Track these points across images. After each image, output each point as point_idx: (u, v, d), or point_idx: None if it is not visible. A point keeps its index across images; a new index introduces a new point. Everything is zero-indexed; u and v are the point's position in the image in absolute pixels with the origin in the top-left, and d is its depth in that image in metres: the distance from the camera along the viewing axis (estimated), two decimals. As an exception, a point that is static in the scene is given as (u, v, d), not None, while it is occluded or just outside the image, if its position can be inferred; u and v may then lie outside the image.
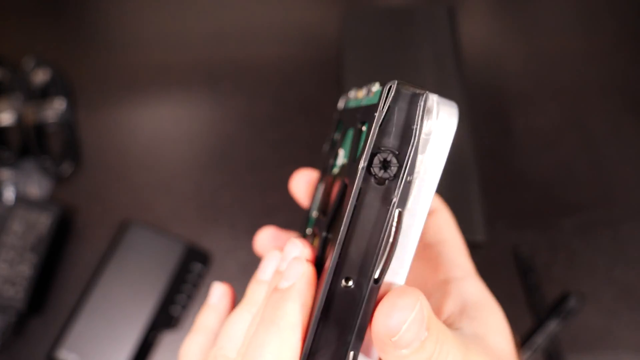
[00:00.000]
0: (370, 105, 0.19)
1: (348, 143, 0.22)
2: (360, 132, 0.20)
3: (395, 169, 0.17)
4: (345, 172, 0.20)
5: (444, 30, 0.51)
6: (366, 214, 0.17)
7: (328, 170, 0.25)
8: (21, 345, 0.53)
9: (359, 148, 0.19)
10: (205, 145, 0.62)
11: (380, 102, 0.17)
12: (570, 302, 0.52)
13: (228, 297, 0.29)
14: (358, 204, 0.17)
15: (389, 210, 0.17)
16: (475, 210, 0.43)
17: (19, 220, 0.54)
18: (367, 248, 0.18)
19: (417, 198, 0.18)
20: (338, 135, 0.25)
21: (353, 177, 0.18)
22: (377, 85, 0.20)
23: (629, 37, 0.66)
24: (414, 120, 0.17)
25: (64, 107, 0.62)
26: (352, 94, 0.25)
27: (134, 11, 0.70)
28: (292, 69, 0.65)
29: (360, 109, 0.21)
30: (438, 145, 0.18)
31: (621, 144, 0.60)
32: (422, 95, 0.18)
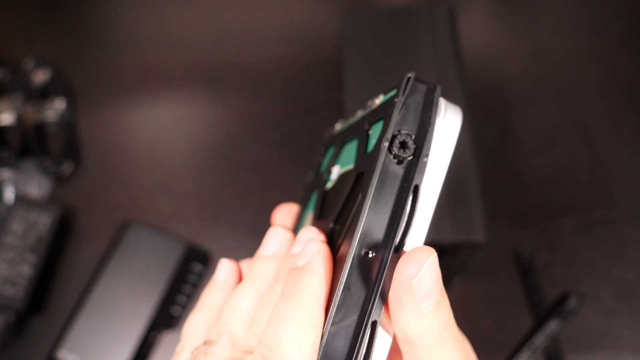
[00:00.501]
0: (380, 105, 0.21)
1: (348, 154, 0.24)
2: (367, 133, 0.22)
3: (412, 149, 0.19)
4: (355, 167, 0.22)
5: (444, 30, 0.51)
6: (387, 188, 0.19)
7: (320, 187, 0.26)
8: (21, 345, 0.53)
9: (368, 144, 0.21)
10: (205, 145, 0.62)
11: (400, 90, 0.20)
12: (570, 302, 0.52)
13: (235, 273, 0.29)
14: (380, 179, 0.19)
15: (409, 185, 0.19)
16: (475, 210, 0.43)
17: (19, 220, 0.54)
18: (388, 219, 0.19)
19: (431, 177, 0.20)
20: (327, 158, 0.28)
21: (372, 161, 0.20)
22: (381, 95, 0.22)
23: (629, 37, 0.66)
24: (429, 109, 0.20)
25: (64, 107, 0.62)
26: (338, 125, 0.28)
27: (134, 11, 0.70)
28: (292, 69, 0.65)
29: (363, 118, 0.23)
30: (446, 136, 0.20)
31: (621, 144, 0.60)
32: (436, 88, 0.20)
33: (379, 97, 0.22)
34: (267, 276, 0.26)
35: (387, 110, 0.20)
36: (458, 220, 0.42)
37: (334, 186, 0.25)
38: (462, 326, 0.54)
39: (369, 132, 0.22)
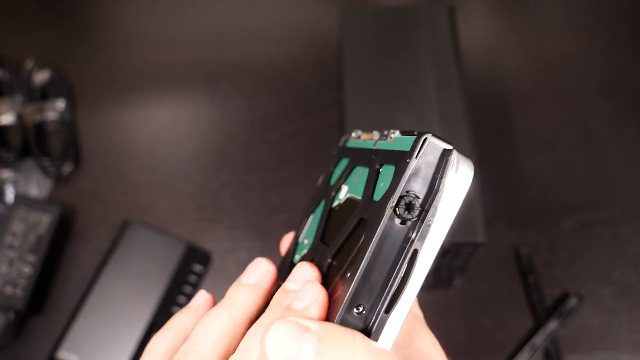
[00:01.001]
0: (394, 151, 0.21)
1: (357, 180, 0.25)
2: (377, 173, 0.22)
3: (418, 211, 0.20)
4: (360, 208, 0.22)
5: (444, 30, 0.51)
6: (387, 248, 0.20)
7: (328, 200, 0.27)
8: (21, 344, 0.53)
9: (376, 187, 0.22)
10: (205, 145, 0.62)
11: (414, 151, 0.20)
12: (570, 302, 0.52)
13: (209, 304, 0.29)
14: (381, 239, 0.19)
15: (409, 248, 0.20)
16: (475, 210, 0.43)
17: (19, 220, 0.54)
18: (384, 279, 0.20)
19: (432, 240, 0.20)
20: (339, 170, 0.28)
21: (376, 214, 0.20)
22: (398, 133, 0.22)
23: (629, 37, 0.66)
24: (440, 172, 0.20)
25: (64, 107, 0.62)
26: (355, 134, 0.28)
27: (134, 12, 0.70)
28: (292, 69, 0.65)
29: (378, 152, 0.23)
30: (454, 197, 0.20)
31: (621, 144, 0.60)
32: (450, 152, 0.20)
33: (395, 132, 0.23)
34: (244, 304, 0.26)
35: (399, 163, 0.20)
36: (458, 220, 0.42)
37: (340, 208, 0.25)
38: (463, 326, 0.55)
39: (378, 171, 0.22)
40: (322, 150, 0.61)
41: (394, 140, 0.22)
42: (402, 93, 0.48)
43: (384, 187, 0.21)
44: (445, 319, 0.53)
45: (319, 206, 0.29)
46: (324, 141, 0.61)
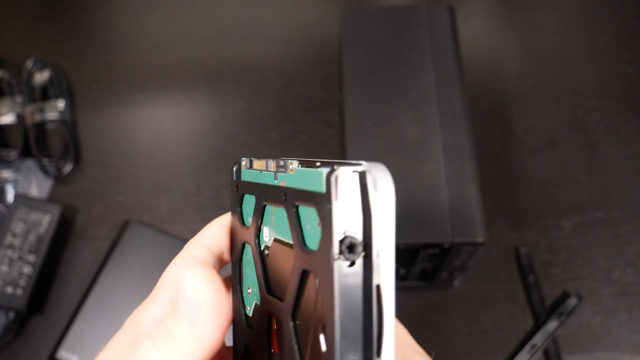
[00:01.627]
0: (306, 191, 0.20)
1: (277, 220, 0.23)
2: (297, 214, 0.21)
3: (361, 248, 0.18)
4: (298, 258, 0.20)
5: (444, 30, 0.51)
6: (350, 298, 0.18)
7: (255, 247, 0.25)
8: (22, 345, 0.53)
9: (304, 232, 0.20)
10: (205, 145, 0.62)
11: (331, 195, 0.18)
12: (569, 302, 0.52)
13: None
14: (342, 294, 0.18)
15: (370, 287, 0.18)
16: (475, 210, 0.43)
17: (19, 220, 0.54)
18: (362, 328, 0.18)
19: (386, 267, 0.19)
20: (248, 208, 0.26)
21: (322, 269, 0.19)
22: (296, 164, 0.21)
23: (629, 37, 0.66)
24: (364, 199, 0.18)
25: (64, 107, 0.62)
26: (245, 162, 0.26)
27: (134, 12, 0.70)
28: (292, 69, 0.65)
29: (285, 190, 0.21)
30: (386, 215, 0.19)
31: (621, 144, 0.60)
32: (364, 174, 0.18)
33: (292, 163, 0.21)
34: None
35: (319, 207, 0.19)
36: (458, 220, 0.42)
37: (272, 253, 0.24)
38: (463, 326, 0.55)
39: (297, 212, 0.21)
40: (322, 150, 0.61)
41: (297, 174, 0.21)
42: (402, 93, 0.48)
43: (314, 233, 0.20)
44: (445, 319, 0.53)
45: (246, 251, 0.26)
46: (324, 141, 0.61)
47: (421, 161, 0.45)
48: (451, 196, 0.43)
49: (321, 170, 0.19)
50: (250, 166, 0.25)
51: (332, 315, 0.18)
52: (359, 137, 0.46)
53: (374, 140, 0.46)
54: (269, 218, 0.24)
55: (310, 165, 0.20)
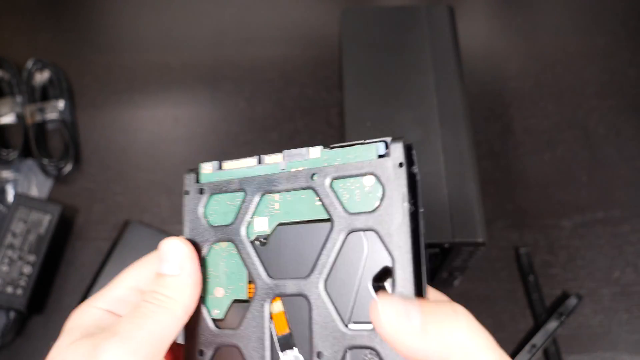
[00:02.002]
0: (352, 163, 0.23)
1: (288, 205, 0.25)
2: (332, 189, 0.24)
3: (412, 203, 0.23)
4: (340, 224, 0.23)
5: (444, 30, 0.51)
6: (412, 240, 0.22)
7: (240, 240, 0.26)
8: (22, 344, 0.53)
9: (345, 201, 0.23)
10: (205, 145, 0.62)
11: (400, 159, 0.23)
12: (569, 302, 0.52)
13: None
14: (411, 233, 0.22)
15: (419, 234, 0.23)
16: (475, 210, 0.43)
17: (19, 220, 0.54)
18: (414, 269, 0.22)
19: (423, 221, 0.23)
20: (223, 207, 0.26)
21: (386, 217, 0.22)
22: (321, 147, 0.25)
23: (628, 38, 0.66)
24: (411, 165, 0.23)
25: (64, 107, 0.62)
26: (210, 167, 0.27)
27: (134, 12, 0.70)
28: (292, 69, 0.65)
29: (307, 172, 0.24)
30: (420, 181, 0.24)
31: (621, 144, 0.60)
32: (411, 145, 0.23)
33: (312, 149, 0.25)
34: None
35: (381, 171, 0.23)
36: (458, 220, 0.42)
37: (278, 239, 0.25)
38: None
39: (333, 188, 0.24)
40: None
41: (328, 155, 0.24)
42: (402, 93, 0.48)
43: (358, 199, 0.23)
44: (445, 319, 0.53)
45: (212, 254, 0.26)
46: (324, 141, 0.61)
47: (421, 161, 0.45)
48: (451, 196, 0.43)
49: (374, 144, 0.23)
50: (220, 167, 0.26)
51: (407, 252, 0.22)
52: (359, 137, 0.46)
53: (374, 140, 0.46)
54: (265, 207, 0.25)
55: (344, 145, 0.24)
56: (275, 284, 0.24)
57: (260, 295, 0.25)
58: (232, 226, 0.26)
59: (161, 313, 0.24)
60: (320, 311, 0.23)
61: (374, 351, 0.22)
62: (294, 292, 0.24)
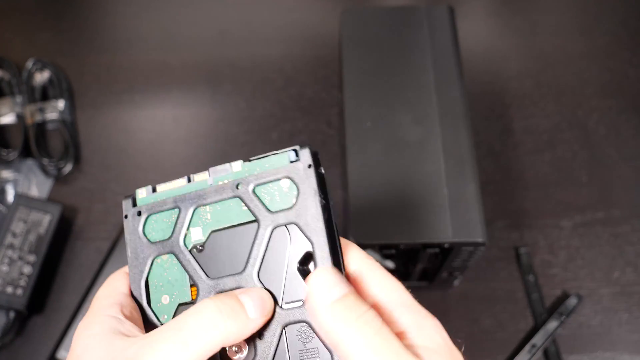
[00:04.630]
0: (268, 171, 0.27)
1: (218, 214, 0.28)
2: (255, 194, 0.27)
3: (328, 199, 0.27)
4: (264, 222, 0.27)
5: (444, 30, 0.51)
6: (327, 227, 0.26)
7: (179, 250, 0.28)
8: (22, 344, 0.53)
9: (267, 202, 0.27)
10: (205, 145, 0.62)
11: (306, 161, 0.26)
12: (569, 302, 0.52)
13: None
14: (325, 222, 0.26)
15: (333, 223, 0.26)
16: (475, 210, 0.43)
17: (19, 220, 0.54)
18: (331, 247, 0.26)
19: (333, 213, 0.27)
20: (161, 224, 0.29)
21: (303, 210, 0.26)
22: (241, 162, 0.28)
23: (629, 37, 0.66)
24: (318, 166, 0.27)
25: (64, 107, 0.62)
26: (144, 191, 0.30)
27: (134, 12, 0.70)
28: (292, 69, 0.65)
29: (233, 183, 0.28)
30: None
31: (621, 144, 0.60)
32: (316, 151, 0.27)
33: (232, 164, 0.28)
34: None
35: (294, 174, 0.26)
36: (458, 220, 0.42)
37: (214, 244, 0.28)
38: (463, 326, 0.55)
39: (254, 193, 0.27)
40: (322, 150, 0.60)
41: (248, 167, 0.28)
42: (402, 93, 0.48)
43: (278, 199, 0.27)
44: (445, 319, 0.53)
45: (156, 266, 0.29)
46: (324, 141, 0.61)
47: (421, 161, 0.45)
48: (451, 196, 0.43)
49: (286, 153, 0.27)
50: (154, 190, 0.30)
51: (323, 236, 0.26)
52: (359, 137, 0.46)
53: (374, 140, 0.46)
54: (201, 219, 0.28)
55: (260, 157, 0.27)
56: (215, 283, 0.27)
57: (203, 295, 0.27)
58: (171, 239, 0.29)
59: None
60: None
61: (306, 324, 0.26)
62: (233, 287, 0.27)
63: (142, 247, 0.29)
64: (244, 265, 0.27)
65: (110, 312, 0.27)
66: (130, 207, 0.30)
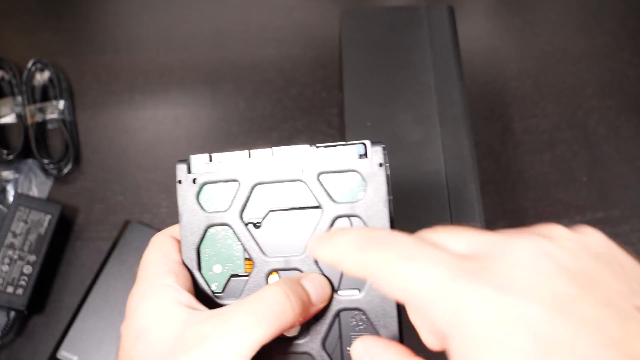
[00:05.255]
0: (340, 160, 0.27)
1: (273, 195, 0.28)
2: (319, 182, 0.28)
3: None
4: (328, 210, 0.27)
5: (444, 30, 0.51)
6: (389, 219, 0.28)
7: (236, 223, 0.28)
8: (22, 345, 0.53)
9: (331, 192, 0.27)
10: (205, 145, 0.62)
11: (384, 160, 0.27)
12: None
13: None
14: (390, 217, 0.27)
15: (392, 216, 0.27)
16: (475, 210, 0.43)
17: (19, 220, 0.54)
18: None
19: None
20: (215, 195, 0.29)
21: (370, 205, 0.27)
22: (308, 146, 0.28)
23: (628, 37, 0.66)
24: (386, 163, 0.28)
25: (64, 107, 0.62)
26: (200, 159, 0.29)
27: (134, 12, 0.70)
28: (292, 69, 0.65)
29: (299, 167, 0.28)
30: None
31: (620, 144, 0.60)
32: (385, 147, 0.28)
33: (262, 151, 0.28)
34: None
35: (364, 169, 0.27)
36: (458, 220, 0.42)
37: (270, 223, 0.28)
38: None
39: (320, 181, 0.28)
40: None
41: (323, 152, 0.28)
42: (402, 93, 0.48)
43: (344, 190, 0.27)
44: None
45: (209, 235, 0.29)
46: (324, 141, 0.61)
47: (421, 161, 0.45)
48: (451, 196, 0.43)
49: (355, 146, 0.27)
50: (211, 160, 0.29)
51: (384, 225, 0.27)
52: (359, 137, 0.46)
53: (374, 140, 0.46)
54: (259, 196, 0.28)
55: (328, 146, 0.28)
56: (271, 260, 0.28)
57: (258, 270, 0.28)
58: (228, 212, 0.28)
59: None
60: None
61: (360, 311, 0.26)
62: (289, 267, 0.27)
63: (196, 214, 0.29)
64: (304, 249, 0.27)
65: (167, 282, 0.27)
66: (184, 173, 0.30)
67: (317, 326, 0.27)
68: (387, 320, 0.26)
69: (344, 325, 0.27)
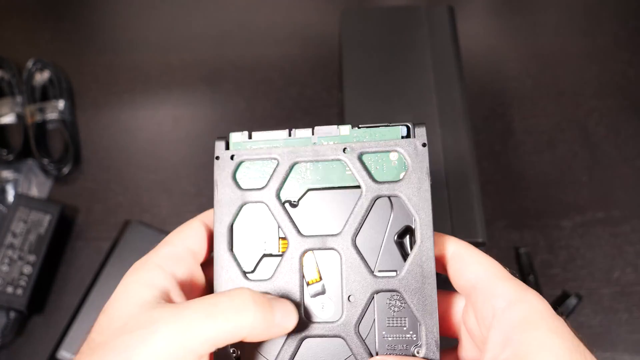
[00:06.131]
0: (383, 141, 0.28)
1: (312, 175, 0.28)
2: (362, 162, 0.28)
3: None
4: (370, 190, 0.27)
5: (444, 30, 0.51)
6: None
7: (273, 201, 0.28)
8: (22, 344, 0.53)
9: (373, 172, 0.28)
10: (205, 145, 0.62)
11: (422, 139, 0.28)
12: (569, 302, 0.52)
13: None
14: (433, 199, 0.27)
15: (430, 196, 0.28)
16: (475, 210, 0.43)
17: (19, 220, 0.54)
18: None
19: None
20: (252, 172, 0.29)
21: (410, 184, 0.27)
22: (349, 127, 0.29)
23: (629, 37, 0.66)
24: (427, 143, 0.28)
25: (64, 107, 0.62)
26: (240, 135, 0.29)
27: (134, 12, 0.70)
28: (292, 69, 0.65)
29: (339, 146, 0.28)
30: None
31: (621, 144, 0.60)
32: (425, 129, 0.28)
33: (341, 127, 0.29)
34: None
35: (407, 149, 0.27)
36: (458, 220, 0.42)
37: (309, 202, 0.28)
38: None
39: (361, 160, 0.28)
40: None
41: (356, 134, 0.28)
42: (402, 93, 0.48)
43: (385, 170, 0.28)
44: (445, 319, 0.53)
45: (246, 211, 0.29)
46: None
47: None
48: (451, 196, 0.43)
49: (397, 127, 0.28)
50: (250, 137, 0.29)
51: (429, 214, 0.27)
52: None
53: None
54: (297, 174, 0.28)
55: (370, 126, 0.28)
56: (306, 240, 0.28)
57: (292, 250, 0.28)
58: (265, 189, 0.28)
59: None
60: (350, 262, 0.27)
61: (398, 293, 0.27)
62: (326, 247, 0.27)
63: (232, 191, 0.29)
64: (341, 228, 0.27)
65: (165, 264, 0.28)
66: (223, 149, 0.29)
67: (351, 309, 0.27)
68: (425, 301, 0.27)
69: (379, 308, 0.27)
